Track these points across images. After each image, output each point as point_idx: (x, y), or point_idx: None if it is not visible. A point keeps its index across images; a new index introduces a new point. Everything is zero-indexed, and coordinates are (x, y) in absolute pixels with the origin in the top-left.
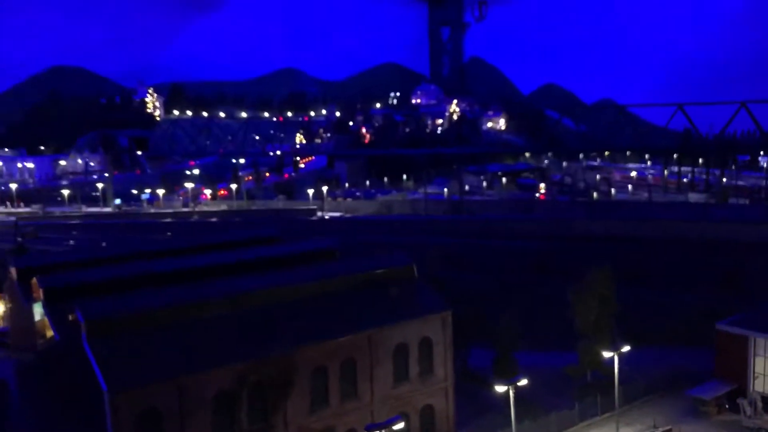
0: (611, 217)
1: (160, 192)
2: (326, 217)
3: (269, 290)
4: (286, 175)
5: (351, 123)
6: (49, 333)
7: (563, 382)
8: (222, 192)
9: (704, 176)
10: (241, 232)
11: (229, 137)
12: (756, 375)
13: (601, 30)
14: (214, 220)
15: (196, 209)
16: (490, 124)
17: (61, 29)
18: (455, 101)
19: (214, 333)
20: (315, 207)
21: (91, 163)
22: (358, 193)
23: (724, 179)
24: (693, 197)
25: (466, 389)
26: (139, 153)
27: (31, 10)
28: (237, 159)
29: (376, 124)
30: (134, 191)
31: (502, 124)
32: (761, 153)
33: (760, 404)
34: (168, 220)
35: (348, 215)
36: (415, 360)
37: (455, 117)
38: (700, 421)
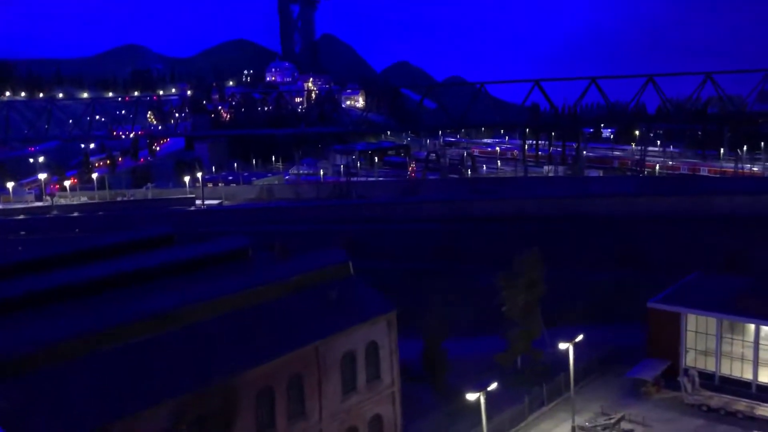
0: (504, 196)
1: (10, 185)
2: (204, 205)
3: (198, 305)
4: (142, 160)
5: (205, 102)
6: None
7: (493, 370)
8: (73, 180)
9: (560, 149)
10: (130, 233)
11: (71, 120)
12: (688, 350)
13: (450, 9)
14: (76, 215)
15: (54, 203)
16: (349, 102)
17: None
18: (311, 79)
19: (140, 364)
20: (193, 195)
21: None
22: (230, 177)
23: (585, 152)
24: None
25: None
26: None
27: None
28: (85, 143)
29: (234, 103)
30: None
31: (361, 102)
32: (602, 126)
33: (697, 380)
34: (21, 216)
35: (228, 203)
36: (362, 367)
37: (313, 95)
38: (644, 402)
